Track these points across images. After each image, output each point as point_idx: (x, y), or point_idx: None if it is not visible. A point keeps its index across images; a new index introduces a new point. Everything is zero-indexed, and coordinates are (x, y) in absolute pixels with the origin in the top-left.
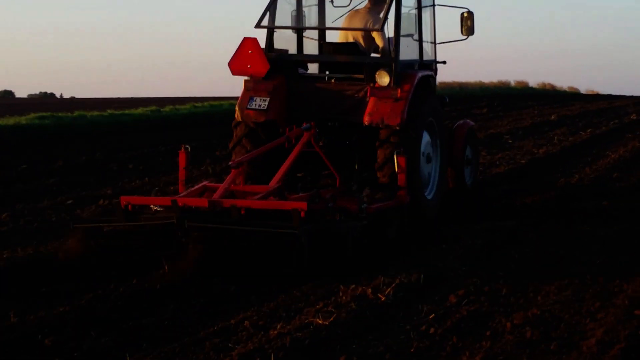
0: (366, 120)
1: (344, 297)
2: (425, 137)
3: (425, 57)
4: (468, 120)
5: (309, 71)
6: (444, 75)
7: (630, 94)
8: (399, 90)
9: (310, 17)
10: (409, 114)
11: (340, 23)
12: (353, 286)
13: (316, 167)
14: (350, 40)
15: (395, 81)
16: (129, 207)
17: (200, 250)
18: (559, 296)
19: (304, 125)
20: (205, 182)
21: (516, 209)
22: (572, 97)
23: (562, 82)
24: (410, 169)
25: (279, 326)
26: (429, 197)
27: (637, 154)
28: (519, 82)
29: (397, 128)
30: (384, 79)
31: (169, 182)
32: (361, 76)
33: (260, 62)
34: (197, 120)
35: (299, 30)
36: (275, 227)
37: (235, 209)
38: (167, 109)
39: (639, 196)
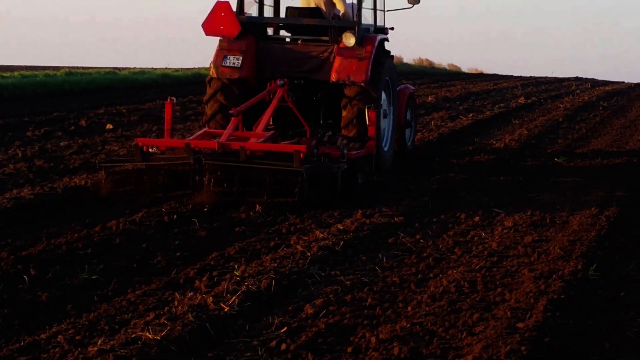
0: (333, 77)
1: (179, 307)
2: (383, 95)
3: (378, 23)
4: (408, 85)
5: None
6: None
7: (519, 74)
8: (363, 51)
9: None
10: (372, 72)
11: None
12: (190, 294)
13: (287, 119)
14: (312, 5)
15: (359, 43)
16: (144, 148)
17: (215, 185)
18: (432, 307)
19: (278, 82)
20: (205, 129)
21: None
22: (452, 76)
23: (442, 58)
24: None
25: (99, 341)
26: (385, 149)
27: (525, 144)
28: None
29: (363, 84)
30: (350, 40)
31: None
32: (327, 38)
33: (232, 24)
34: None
35: None
36: (283, 165)
37: (243, 150)
38: None
39: (524, 196)
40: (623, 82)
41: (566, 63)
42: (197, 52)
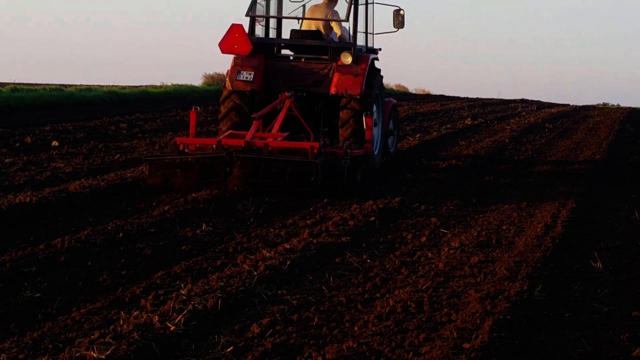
0: (333, 90)
1: (125, 326)
2: (373, 106)
3: (369, 44)
4: (392, 99)
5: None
6: None
7: (465, 96)
8: (358, 68)
9: (270, 10)
10: (365, 87)
11: (299, 14)
12: (136, 313)
13: (292, 125)
14: (313, 28)
15: (354, 61)
16: (181, 146)
17: (242, 176)
18: (379, 326)
19: (286, 94)
20: (231, 131)
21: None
22: (400, 97)
23: (390, 79)
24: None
25: None
26: (375, 153)
27: (472, 164)
28: None
29: (358, 97)
30: (347, 58)
31: None
32: (326, 57)
33: (245, 43)
34: None
35: (278, 19)
36: (300, 158)
37: (267, 146)
38: None
39: (471, 216)
40: (568, 104)
41: (512, 85)
42: (144, 70)
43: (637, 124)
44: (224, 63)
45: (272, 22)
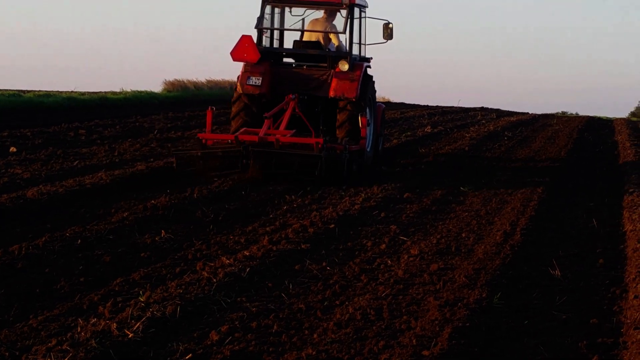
0: (331, 93)
1: (82, 333)
2: (367, 108)
3: (362, 54)
4: (381, 103)
5: (284, 60)
6: (212, 73)
7: (426, 104)
8: (354, 74)
9: (274, 23)
10: (360, 91)
11: (299, 26)
12: (94, 320)
13: (295, 124)
14: (314, 39)
15: (350, 68)
16: (203, 141)
17: (257, 167)
18: (338, 334)
19: (290, 96)
20: (245, 128)
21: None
22: None
23: None
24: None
25: None
26: (368, 149)
27: (432, 172)
28: None
29: (353, 100)
30: (345, 66)
31: None
32: (325, 64)
33: (254, 52)
34: None
35: (281, 31)
36: (307, 151)
37: (278, 142)
38: None
39: (430, 224)
40: (527, 112)
41: (472, 93)
42: (103, 77)
43: (595, 133)
44: (184, 70)
45: (276, 33)
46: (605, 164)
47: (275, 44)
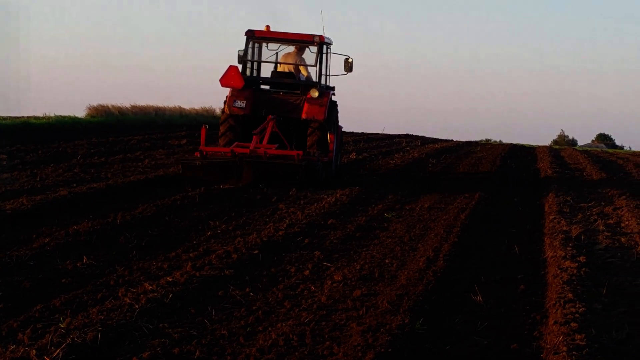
0: (304, 115)
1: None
2: (332, 128)
3: (327, 83)
4: (341, 125)
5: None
6: (137, 99)
7: (351, 130)
8: (322, 100)
9: (254, 56)
10: (327, 114)
11: (273, 59)
12: (13, 347)
13: (273, 140)
14: (287, 70)
15: (319, 95)
16: (204, 152)
17: (250, 175)
18: None
19: (270, 117)
20: (237, 143)
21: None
22: None
23: None
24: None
25: None
26: (333, 162)
27: (356, 199)
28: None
29: (322, 121)
30: (315, 93)
31: None
32: (298, 91)
33: (239, 80)
34: None
35: (259, 63)
36: (289, 162)
37: (266, 154)
38: None
39: (354, 250)
40: (452, 140)
41: (397, 120)
42: (27, 100)
43: (518, 160)
44: (109, 95)
45: (255, 64)
46: (527, 190)
47: (254, 74)
